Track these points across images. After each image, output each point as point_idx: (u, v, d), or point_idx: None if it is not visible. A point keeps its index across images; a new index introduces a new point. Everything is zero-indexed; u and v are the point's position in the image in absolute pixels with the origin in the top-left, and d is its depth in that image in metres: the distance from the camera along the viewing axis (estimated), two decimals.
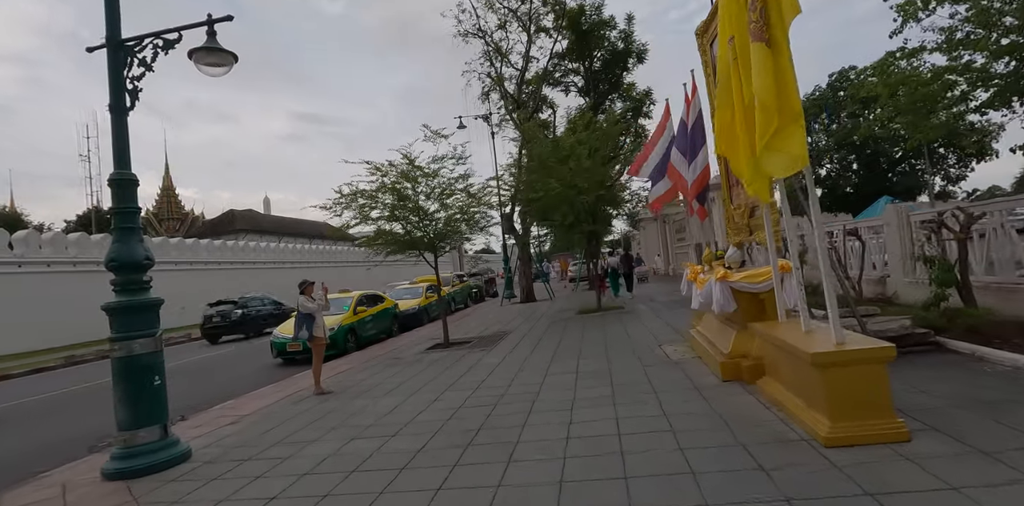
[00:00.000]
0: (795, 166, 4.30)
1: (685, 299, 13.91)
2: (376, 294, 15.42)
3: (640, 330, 10.18)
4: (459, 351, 10.23)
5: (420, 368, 8.78)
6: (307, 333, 7.68)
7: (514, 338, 11.20)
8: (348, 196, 10.70)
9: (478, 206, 11.18)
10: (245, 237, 43.43)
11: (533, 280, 22.87)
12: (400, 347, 11.98)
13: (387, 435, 5.13)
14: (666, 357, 7.37)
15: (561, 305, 18.36)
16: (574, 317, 13.83)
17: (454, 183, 11.04)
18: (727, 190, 7.59)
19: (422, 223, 10.89)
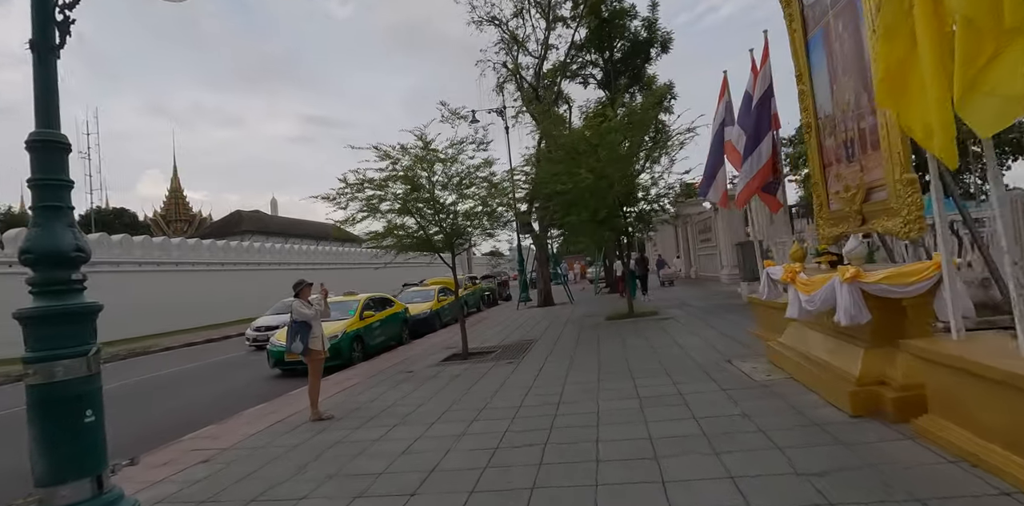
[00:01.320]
0: (1014, 112, 2.91)
1: (729, 304, 12.49)
2: (385, 297, 14.06)
3: (693, 340, 8.73)
4: (481, 364, 8.83)
5: (438, 385, 7.39)
6: (301, 345, 6.32)
7: (543, 348, 9.78)
8: (354, 185, 9.35)
9: (501, 197, 9.78)
10: (251, 238, 42.39)
11: (551, 282, 21.49)
12: (412, 357, 10.60)
13: (403, 492, 3.73)
14: (746, 377, 5.93)
15: (584, 309, 16.93)
16: (604, 323, 12.39)
17: (474, 171, 9.66)
18: (820, 171, 6.17)
19: (438, 217, 9.52)
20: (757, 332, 8.30)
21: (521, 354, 9.38)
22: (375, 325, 12.30)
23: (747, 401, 4.99)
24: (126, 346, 18.92)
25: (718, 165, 8.52)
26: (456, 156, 9.24)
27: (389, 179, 9.34)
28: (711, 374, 6.23)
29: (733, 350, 7.53)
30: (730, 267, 21.54)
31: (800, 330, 5.95)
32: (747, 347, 7.62)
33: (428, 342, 13.05)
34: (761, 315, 8.10)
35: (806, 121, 6.36)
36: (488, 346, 10.87)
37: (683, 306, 14.15)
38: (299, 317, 6.30)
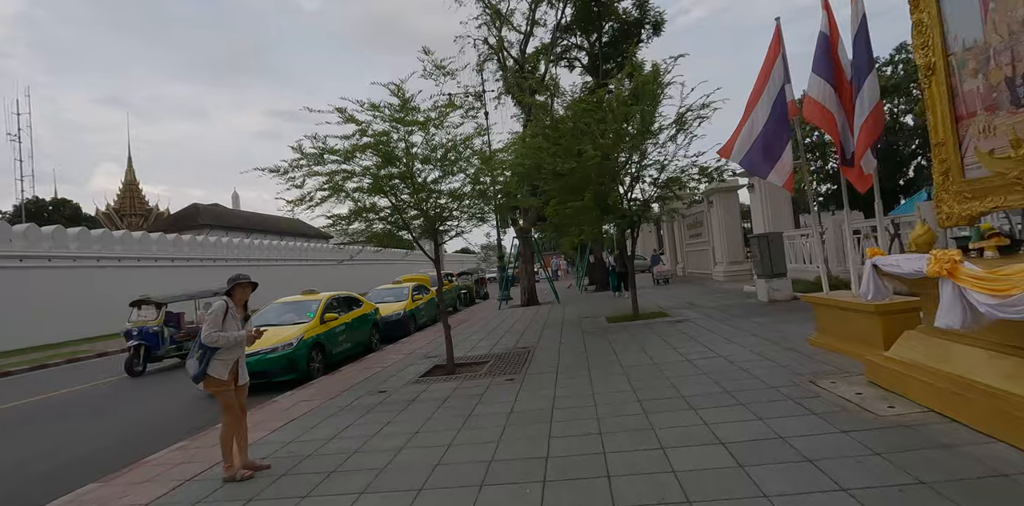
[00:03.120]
0: None
1: (745, 303, 10.92)
2: (351, 296, 12.06)
3: (736, 350, 7.06)
4: (473, 381, 6.99)
5: (420, 416, 5.53)
6: (197, 366, 4.24)
7: (546, 359, 8.00)
8: (311, 156, 7.38)
9: (494, 173, 7.91)
10: (209, 232, 39.49)
11: None
12: (385, 369, 8.68)
13: None
14: (858, 408, 4.24)
15: (575, 309, 15.22)
16: (609, 327, 10.68)
17: (464, 142, 7.78)
18: (951, 127, 4.52)
19: (417, 196, 7.62)
20: (819, 340, 6.69)
21: (521, 367, 7.57)
22: (339, 329, 10.32)
23: (896, 455, 3.30)
24: (52, 352, 16.42)
25: (779, 138, 6.85)
26: (441, 120, 7.32)
27: (356, 149, 7.40)
28: (801, 402, 4.53)
29: (802, 364, 5.87)
30: (726, 264, 20.17)
31: (933, 343, 4.30)
32: (817, 359, 5.97)
33: (403, 348, 11.13)
34: (830, 320, 6.48)
35: (926, 61, 4.71)
36: (477, 355, 9.02)
37: (692, 307, 12.56)
38: (206, 329, 4.23)
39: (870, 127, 5.54)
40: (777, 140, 6.97)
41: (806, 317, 9.34)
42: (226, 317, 4.32)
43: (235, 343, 4.30)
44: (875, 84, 5.52)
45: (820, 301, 6.66)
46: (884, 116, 5.72)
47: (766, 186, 15.88)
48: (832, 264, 12.36)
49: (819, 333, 6.79)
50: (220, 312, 4.29)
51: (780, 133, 6.97)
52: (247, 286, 4.56)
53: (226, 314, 4.33)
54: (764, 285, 11.88)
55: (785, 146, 7.03)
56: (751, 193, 16.80)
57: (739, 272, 19.89)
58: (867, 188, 6.37)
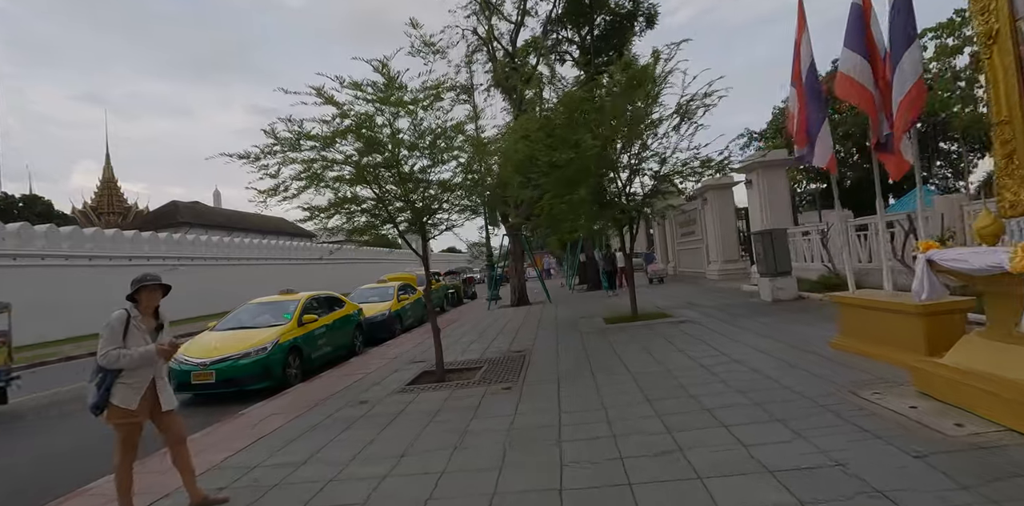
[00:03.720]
0: None
1: (748, 303, 10.41)
2: (332, 296, 11.31)
3: (754, 355, 6.47)
4: (465, 390, 6.32)
5: (408, 433, 4.85)
6: (96, 395, 3.41)
7: (544, 364, 7.35)
8: (286, 141, 6.65)
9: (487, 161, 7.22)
10: (188, 230, 38.30)
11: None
12: (368, 376, 7.98)
13: None
14: (919, 426, 3.65)
15: (568, 310, 14.60)
16: (608, 329, 10.06)
17: (455, 128, 7.09)
18: (1019, 101, 3.95)
19: (404, 187, 6.93)
20: (843, 342, 6.12)
21: (517, 374, 6.92)
22: (319, 332, 9.58)
23: (987, 488, 2.71)
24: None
25: (816, 115, 6.27)
26: (430, 102, 6.63)
27: (337, 134, 6.68)
28: (848, 417, 3.94)
29: (832, 371, 5.29)
30: (721, 262, 19.72)
31: (1002, 349, 3.72)
32: (846, 365, 5.40)
33: (388, 352, 10.42)
34: (857, 321, 5.91)
35: (987, 29, 4.14)
36: (468, 360, 8.35)
37: (692, 306, 12.00)
38: (104, 359, 3.39)
39: (907, 104, 4.95)
40: (815, 118, 6.39)
41: (816, 317, 8.84)
42: (128, 330, 3.47)
43: (142, 362, 3.43)
44: (917, 56, 4.93)
45: (847, 301, 6.10)
46: (926, 92, 5.11)
47: (764, 182, 15.41)
48: (836, 262, 11.88)
49: (843, 335, 6.22)
50: (118, 324, 3.44)
51: (816, 110, 6.38)
52: (156, 289, 3.66)
53: (127, 326, 3.47)
54: (768, 284, 11.35)
55: (822, 123, 6.43)
56: (749, 189, 16.31)
57: (734, 271, 19.45)
58: (902, 174, 5.79)
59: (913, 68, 4.85)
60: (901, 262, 9.42)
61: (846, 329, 6.19)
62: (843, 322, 6.24)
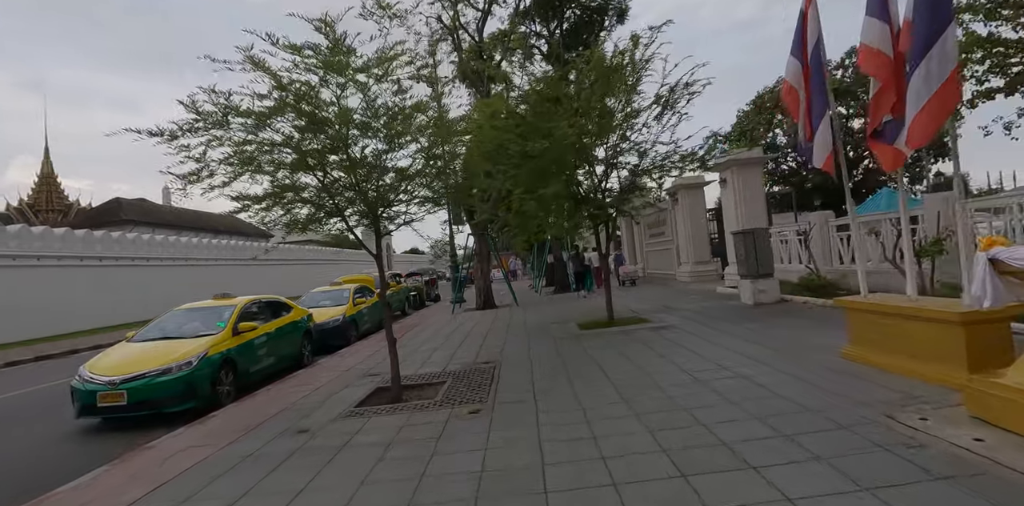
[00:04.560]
0: None
1: (729, 306, 9.83)
2: (277, 300, 10.12)
3: (753, 366, 5.70)
4: (425, 414, 5.34)
5: (351, 476, 3.85)
6: None
7: (516, 379, 6.43)
8: (210, 116, 5.53)
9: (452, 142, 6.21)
10: (133, 229, 35.82)
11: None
12: (314, 393, 6.90)
13: None
14: (1009, 470, 2.90)
15: (537, 314, 13.74)
16: (584, 335, 9.22)
17: (415, 108, 6.08)
18: None
19: (355, 174, 5.90)
20: (855, 352, 5.42)
21: (486, 391, 5.98)
22: (259, 342, 8.41)
23: None
24: None
25: (817, 108, 5.55)
26: (385, 72, 5.61)
27: (275, 111, 5.60)
28: (903, 454, 3.16)
29: (853, 388, 4.54)
30: (692, 264, 19.23)
31: None
32: (866, 380, 4.68)
33: (340, 363, 9.32)
34: (873, 329, 5.20)
35: None
36: (430, 374, 7.36)
37: (669, 310, 11.30)
38: None
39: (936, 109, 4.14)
40: (818, 108, 5.68)
41: (806, 322, 8.21)
42: None
43: None
44: (952, 42, 4.15)
45: (859, 306, 5.40)
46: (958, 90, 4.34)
47: (739, 181, 14.91)
48: (818, 264, 11.39)
49: (855, 344, 5.52)
50: None
51: (819, 96, 5.67)
52: None
53: None
54: (749, 286, 10.74)
55: (822, 117, 5.75)
56: (723, 188, 15.79)
57: (705, 273, 18.98)
58: (897, 166, 5.13)
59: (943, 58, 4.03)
60: (892, 263, 8.91)
61: (858, 337, 5.49)
62: (854, 330, 5.54)
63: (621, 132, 9.23)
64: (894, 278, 9.30)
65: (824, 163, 5.64)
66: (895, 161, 4.94)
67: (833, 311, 8.89)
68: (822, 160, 5.65)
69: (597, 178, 9.92)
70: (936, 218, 8.23)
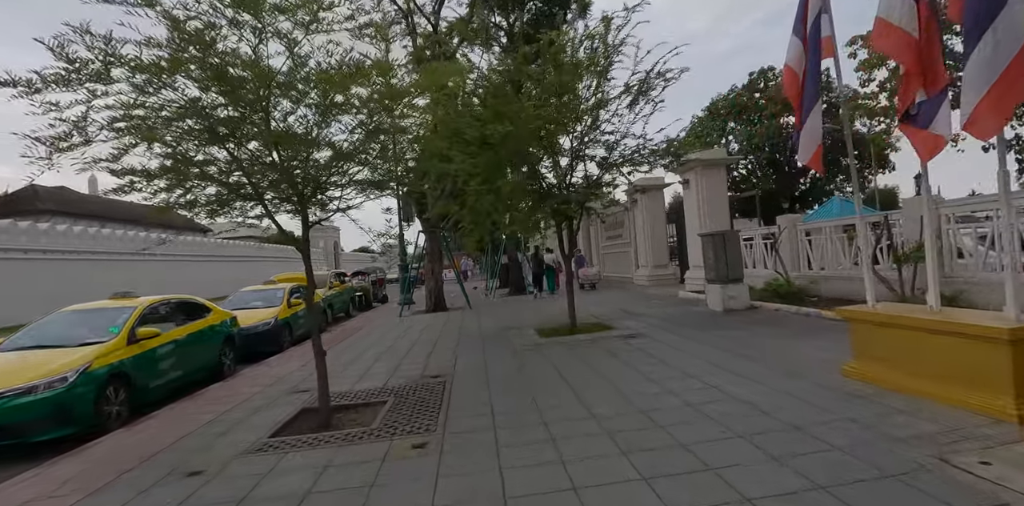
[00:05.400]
0: None
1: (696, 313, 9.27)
2: (192, 301, 8.73)
3: (747, 386, 4.93)
4: (357, 449, 4.27)
5: None
6: None
7: (470, 398, 5.44)
8: (86, 66, 4.27)
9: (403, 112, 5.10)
10: (51, 219, 32.52)
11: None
12: (224, 416, 5.68)
13: None
14: None
15: (493, 318, 12.78)
16: (545, 344, 8.31)
17: (360, 73, 4.97)
18: None
19: (278, 151, 4.75)
20: (861, 370, 4.73)
21: (435, 414, 4.96)
22: (163, 351, 7.07)
23: None
24: None
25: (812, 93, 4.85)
26: (313, 21, 4.49)
27: (174, 65, 4.40)
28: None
29: (876, 417, 3.80)
30: (650, 267, 18.76)
31: None
32: (883, 404, 3.96)
33: (266, 374, 8.06)
34: (885, 344, 4.50)
35: None
36: (368, 390, 6.26)
37: (633, 316, 10.57)
38: None
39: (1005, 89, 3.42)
40: (810, 93, 4.97)
41: (786, 333, 7.56)
42: None
43: None
44: (1020, 8, 3.45)
45: (870, 317, 4.70)
46: None
47: (703, 182, 14.44)
48: (787, 269, 10.93)
49: (861, 361, 4.83)
50: None
51: (810, 87, 4.97)
52: None
53: None
54: (718, 292, 10.13)
55: (812, 106, 5.05)
56: (685, 190, 15.31)
57: (664, 276, 18.54)
58: (935, 154, 4.47)
59: (1011, 35, 3.30)
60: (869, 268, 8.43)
61: (865, 353, 4.80)
62: (861, 344, 4.85)
63: (591, 119, 8.40)
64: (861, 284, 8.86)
65: (811, 159, 4.95)
66: (932, 148, 4.25)
67: (811, 320, 8.35)
68: (808, 155, 4.97)
69: (562, 171, 9.06)
70: (919, 222, 7.78)
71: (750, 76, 36.55)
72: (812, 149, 5.02)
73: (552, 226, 9.85)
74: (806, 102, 4.96)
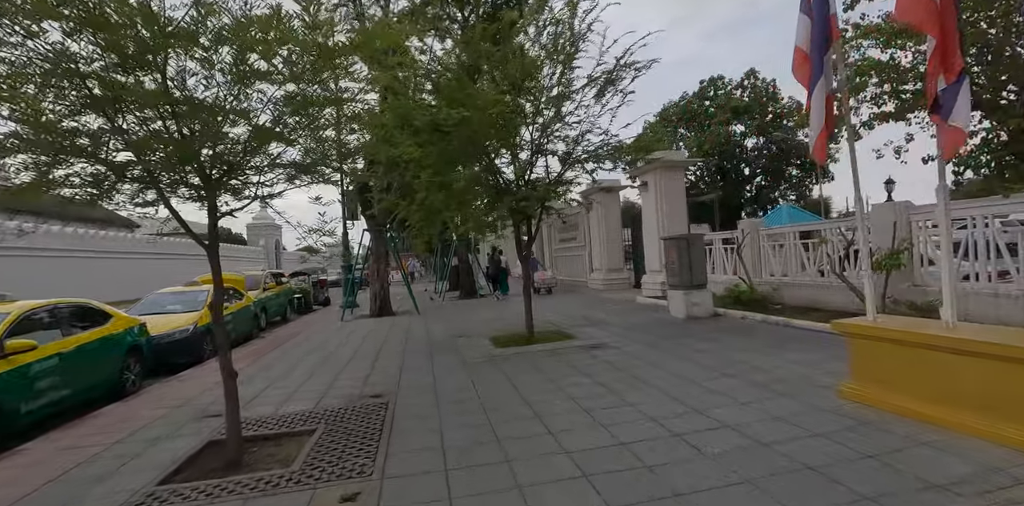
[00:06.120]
0: None
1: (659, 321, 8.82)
2: (88, 306, 7.43)
3: (735, 409, 4.32)
4: (268, 500, 3.35)
5: None
6: None
7: (416, 425, 4.59)
8: None
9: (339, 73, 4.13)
10: None
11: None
12: (108, 452, 4.59)
13: None
14: None
15: (443, 323, 11.90)
16: (500, 355, 7.54)
17: (283, 20, 4.02)
18: None
19: (176, 118, 3.75)
20: (860, 391, 4.20)
21: (371, 450, 4.09)
22: (41, 367, 5.84)
23: None
24: None
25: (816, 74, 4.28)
26: None
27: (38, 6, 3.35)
28: None
29: (897, 452, 3.24)
30: (605, 271, 18.33)
31: None
32: (895, 434, 3.41)
33: (177, 392, 6.91)
34: (893, 364, 3.97)
35: None
36: (294, 415, 5.29)
37: (594, 324, 9.95)
38: None
39: None
40: (813, 77, 4.41)
41: (759, 344, 7.01)
42: None
43: None
44: None
45: (873, 333, 4.17)
46: None
47: (662, 184, 14.07)
48: (750, 275, 10.59)
49: (860, 381, 4.31)
50: None
51: (815, 64, 4.42)
52: None
53: None
54: (681, 298, 9.65)
55: (814, 89, 4.50)
56: (643, 192, 14.92)
57: (617, 280, 18.16)
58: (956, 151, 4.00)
59: None
60: (839, 277, 8.13)
61: (866, 373, 4.27)
62: (861, 363, 4.32)
63: (555, 109, 7.71)
64: (837, 293, 8.58)
65: (816, 148, 4.40)
66: (952, 144, 3.75)
67: (781, 329, 7.94)
68: (812, 145, 4.42)
69: (522, 165, 8.33)
70: (892, 229, 7.49)
71: (701, 84, 37.12)
72: (815, 137, 4.45)
73: (509, 226, 9.11)
74: (813, 83, 4.39)
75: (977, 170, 17.21)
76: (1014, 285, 6.25)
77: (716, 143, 33.99)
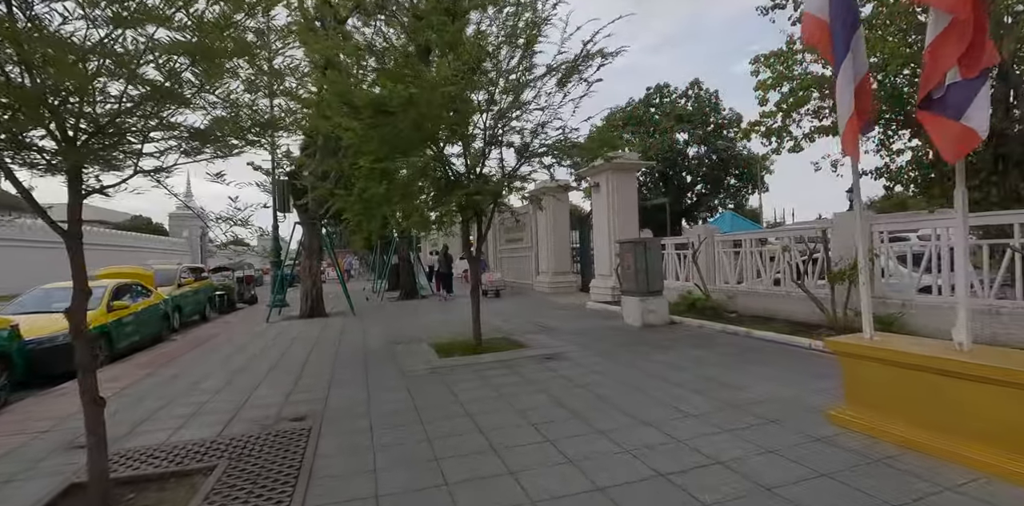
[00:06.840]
0: None
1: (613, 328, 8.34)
2: None
3: (713, 438, 3.74)
4: None
5: None
6: None
7: (343, 467, 3.74)
8: None
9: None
10: None
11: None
12: None
13: None
14: None
15: (380, 326, 10.94)
16: (444, 367, 6.75)
17: None
18: None
19: (20, 63, 2.78)
20: (855, 417, 3.73)
21: (285, 500, 3.22)
22: None
23: None
24: None
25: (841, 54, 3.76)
26: None
27: None
28: None
29: (917, 493, 2.73)
30: (551, 274, 17.82)
31: None
32: (911, 474, 2.93)
33: (48, 409, 5.68)
34: (896, 389, 3.50)
35: None
36: (189, 445, 4.29)
37: (546, 331, 9.31)
38: None
39: None
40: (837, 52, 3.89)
41: (720, 356, 6.57)
42: None
43: None
44: None
45: (873, 354, 3.69)
46: None
47: (614, 186, 13.68)
48: (705, 282, 10.28)
49: (856, 406, 3.84)
50: None
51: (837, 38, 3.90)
52: None
53: None
54: (637, 305, 9.16)
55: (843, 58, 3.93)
56: (595, 193, 14.50)
57: (564, 284, 17.70)
58: (963, 155, 3.55)
59: None
60: (799, 286, 7.86)
61: (862, 398, 3.80)
62: (856, 386, 3.85)
63: (514, 95, 7.01)
64: (794, 302, 8.33)
65: (846, 140, 3.88)
66: (961, 144, 3.29)
67: (741, 339, 7.57)
68: (841, 135, 3.91)
69: (475, 156, 7.57)
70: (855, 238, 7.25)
71: (647, 90, 37.52)
72: (843, 126, 3.89)
73: (457, 223, 8.33)
74: (837, 53, 3.85)
75: (907, 186, 17.86)
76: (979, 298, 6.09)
77: (660, 150, 34.40)
